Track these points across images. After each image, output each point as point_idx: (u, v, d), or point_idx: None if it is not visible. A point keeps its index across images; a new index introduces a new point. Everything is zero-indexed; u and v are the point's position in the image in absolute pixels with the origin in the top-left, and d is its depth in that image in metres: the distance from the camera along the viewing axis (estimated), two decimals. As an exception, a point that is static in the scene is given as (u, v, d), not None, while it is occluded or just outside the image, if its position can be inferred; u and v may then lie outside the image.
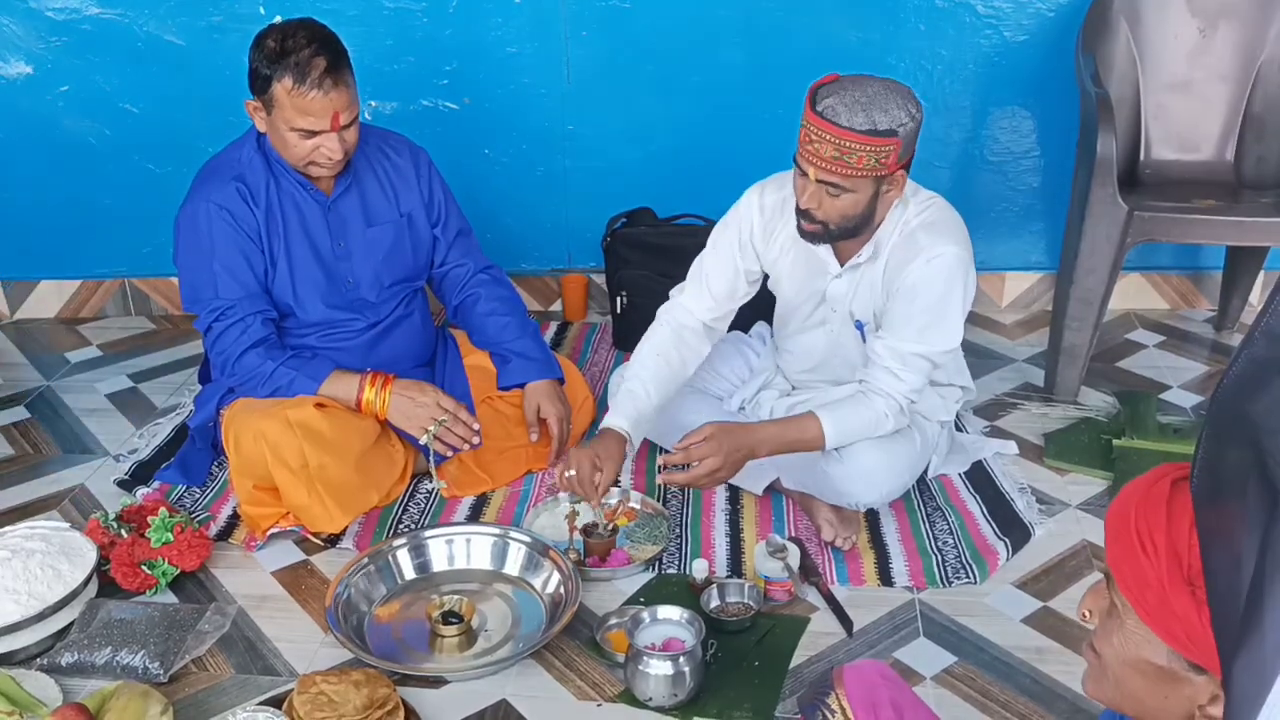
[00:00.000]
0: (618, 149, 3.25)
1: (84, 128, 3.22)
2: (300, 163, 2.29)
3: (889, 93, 2.02)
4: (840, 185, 2.05)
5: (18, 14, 3.09)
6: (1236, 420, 0.90)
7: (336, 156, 2.26)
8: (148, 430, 2.80)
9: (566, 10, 3.08)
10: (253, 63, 2.21)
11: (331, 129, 2.22)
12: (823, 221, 2.12)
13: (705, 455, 2.13)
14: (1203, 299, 3.40)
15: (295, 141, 2.24)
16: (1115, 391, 2.90)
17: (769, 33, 3.08)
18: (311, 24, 2.23)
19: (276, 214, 2.35)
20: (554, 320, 3.38)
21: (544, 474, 2.58)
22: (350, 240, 2.43)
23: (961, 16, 3.06)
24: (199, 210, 2.31)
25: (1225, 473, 0.91)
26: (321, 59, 2.16)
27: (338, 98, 2.19)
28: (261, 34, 2.22)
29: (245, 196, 2.32)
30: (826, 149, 2.01)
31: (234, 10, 3.08)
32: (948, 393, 2.45)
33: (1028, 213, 3.30)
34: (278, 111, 2.21)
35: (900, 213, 2.19)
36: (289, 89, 2.17)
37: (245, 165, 2.34)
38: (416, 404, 2.33)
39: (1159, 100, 2.99)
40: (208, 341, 2.37)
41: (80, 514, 2.47)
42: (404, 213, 2.49)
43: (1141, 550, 0.97)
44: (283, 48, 2.17)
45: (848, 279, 2.27)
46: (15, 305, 3.44)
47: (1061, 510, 2.45)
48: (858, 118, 1.98)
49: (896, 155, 2.02)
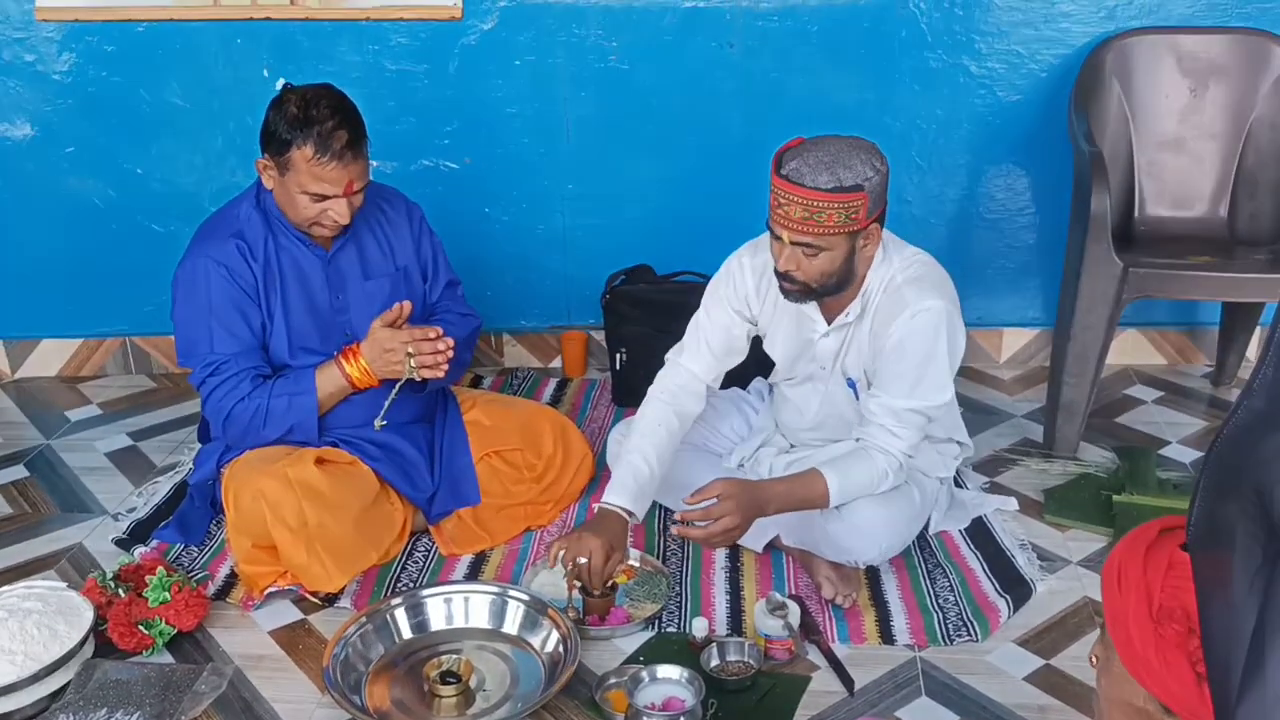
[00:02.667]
0: (617, 207, 3.28)
1: (88, 188, 3.25)
2: (306, 223, 2.32)
3: (851, 150, 2.06)
4: (814, 244, 2.07)
5: (25, 77, 3.13)
6: (1235, 472, 0.91)
7: (344, 220, 2.30)
8: (146, 489, 2.80)
9: (566, 72, 3.12)
10: (271, 124, 2.24)
11: (344, 195, 2.26)
12: (804, 282, 2.14)
13: (723, 514, 2.12)
14: (1200, 354, 3.41)
15: (305, 204, 2.27)
16: (1114, 447, 2.90)
17: (765, 93, 3.12)
18: (332, 92, 2.28)
19: (274, 269, 2.37)
20: (553, 377, 3.39)
21: (543, 531, 2.57)
22: (348, 293, 2.45)
23: (955, 77, 3.11)
24: (197, 266, 2.34)
25: (1223, 523, 0.92)
26: (344, 131, 2.22)
27: (354, 168, 2.25)
28: (282, 97, 2.26)
29: (244, 253, 2.34)
30: (796, 210, 2.04)
31: (238, 73, 3.12)
32: (945, 449, 2.46)
33: (1024, 269, 3.32)
34: (292, 174, 2.24)
35: (885, 270, 2.21)
36: (309, 157, 2.21)
37: (244, 222, 2.37)
38: (386, 348, 2.33)
39: (1152, 158, 3.02)
40: (201, 396, 2.38)
41: (78, 573, 2.46)
42: (399, 266, 2.52)
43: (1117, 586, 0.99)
44: (306, 115, 2.20)
45: (835, 337, 2.29)
46: (16, 364, 3.45)
47: (1063, 567, 2.44)
48: (822, 177, 2.02)
49: (865, 209, 2.05)
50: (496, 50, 3.10)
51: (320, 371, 2.36)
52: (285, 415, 2.34)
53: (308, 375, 2.36)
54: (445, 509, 2.51)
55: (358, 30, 3.08)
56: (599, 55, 3.11)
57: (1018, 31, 3.06)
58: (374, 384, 2.38)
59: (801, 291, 2.17)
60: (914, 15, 3.05)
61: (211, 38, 3.09)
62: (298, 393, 2.34)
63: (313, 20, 3.06)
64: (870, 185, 2.04)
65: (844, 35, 3.08)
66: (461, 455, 2.52)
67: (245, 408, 2.32)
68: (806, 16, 3.07)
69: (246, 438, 2.36)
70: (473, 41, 3.10)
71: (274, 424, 2.34)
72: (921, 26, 3.06)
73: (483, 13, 3.07)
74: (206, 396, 2.35)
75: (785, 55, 3.09)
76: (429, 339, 2.33)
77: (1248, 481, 0.89)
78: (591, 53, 3.12)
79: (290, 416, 2.34)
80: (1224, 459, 0.92)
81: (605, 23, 3.08)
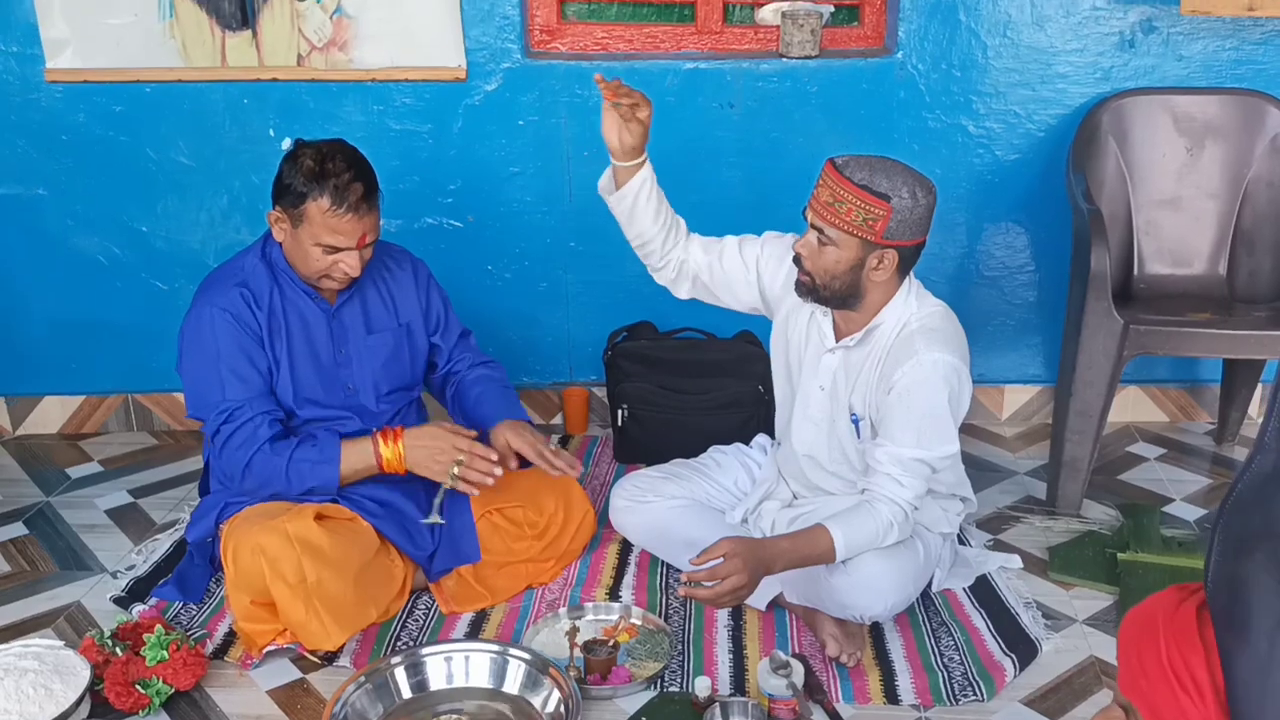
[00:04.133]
0: (618, 264, 3.28)
1: (93, 246, 3.27)
2: (316, 275, 2.35)
3: (903, 170, 2.13)
4: (827, 233, 2.13)
5: (34, 136, 3.16)
6: (1249, 528, 0.90)
7: (355, 273, 2.33)
8: (146, 546, 2.78)
9: (569, 131, 3.16)
10: (286, 177, 2.28)
11: (356, 247, 2.29)
12: (810, 273, 2.19)
13: (730, 573, 2.10)
14: (1202, 412, 3.41)
15: (317, 256, 2.30)
16: (1118, 504, 2.89)
17: (765, 152, 3.15)
18: (346, 147, 2.32)
19: (280, 319, 2.39)
20: (555, 434, 3.38)
21: (544, 589, 2.55)
22: (351, 347, 2.46)
23: (954, 137, 3.14)
24: (203, 315, 2.35)
25: (1240, 580, 0.91)
26: (359, 184, 2.26)
27: (368, 220, 2.29)
28: (297, 151, 2.30)
29: (249, 301, 2.36)
30: (824, 193, 2.12)
31: (244, 132, 3.15)
32: (949, 504, 2.45)
33: (1025, 326, 3.33)
34: (306, 226, 2.27)
35: (904, 312, 2.23)
36: (324, 209, 2.24)
37: (249, 272, 2.39)
38: (433, 450, 2.33)
39: (1150, 216, 3.04)
40: (214, 446, 2.36)
41: (75, 632, 2.44)
42: (403, 322, 2.54)
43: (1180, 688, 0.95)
44: (322, 169, 2.25)
45: (840, 358, 2.30)
46: (18, 421, 3.45)
47: (1068, 625, 2.42)
48: (860, 173, 2.10)
49: (886, 224, 2.08)
50: (500, 110, 3.14)
51: (349, 445, 2.35)
52: (305, 479, 2.33)
53: (332, 443, 2.35)
54: (446, 566, 2.49)
55: (363, 91, 3.12)
56: (601, 115, 3.13)
57: (1015, 92, 3.10)
58: (401, 471, 2.37)
59: (807, 285, 2.21)
60: (912, 76, 3.09)
61: (219, 98, 3.13)
62: (321, 461, 2.33)
63: (319, 81, 3.10)
64: (899, 203, 2.08)
65: (843, 96, 3.12)
66: (462, 512, 2.51)
67: (266, 461, 2.32)
68: (806, 78, 3.11)
69: (263, 489, 2.35)
70: (476, 102, 3.14)
71: (294, 484, 2.33)
72: (919, 87, 3.10)
73: (487, 74, 3.12)
74: (223, 444, 2.34)
75: (785, 116, 3.13)
76: (488, 459, 2.32)
77: (1264, 537, 0.89)
78: (594, 113, 3.12)
79: (310, 480, 2.33)
80: (1238, 516, 0.92)
81: (607, 83, 3.12)
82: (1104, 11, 3.03)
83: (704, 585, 2.11)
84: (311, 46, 3.07)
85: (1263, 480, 0.90)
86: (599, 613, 2.45)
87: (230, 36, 3.06)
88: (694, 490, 2.53)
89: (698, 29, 3.22)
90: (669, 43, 3.22)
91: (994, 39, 3.06)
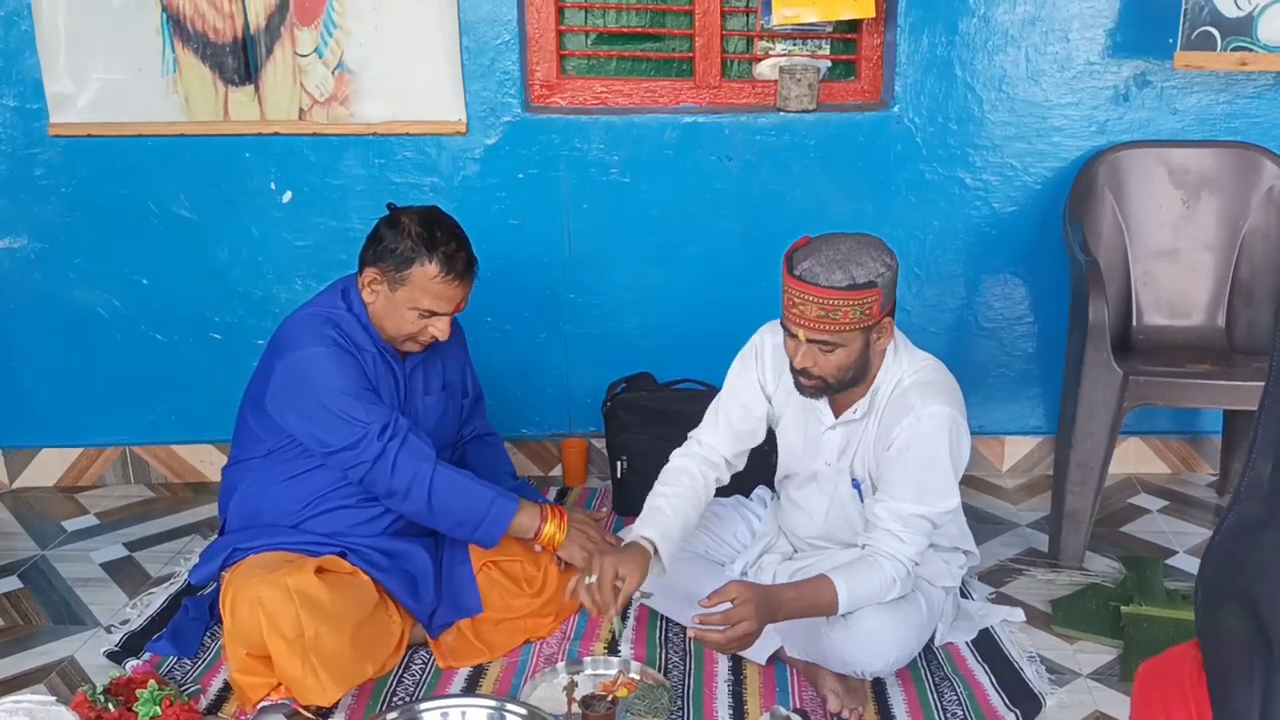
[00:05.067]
0: (618, 316, 3.30)
1: (93, 298, 3.28)
2: (403, 338, 2.37)
3: (862, 246, 2.09)
4: (831, 341, 2.10)
5: (35, 190, 3.18)
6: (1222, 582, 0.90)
7: (444, 338, 2.38)
8: (141, 600, 2.76)
9: (568, 184, 3.18)
10: (389, 241, 2.31)
11: (451, 314, 2.35)
12: (820, 377, 2.16)
13: (741, 618, 2.08)
14: (1204, 463, 3.40)
15: (412, 320, 2.34)
16: (1121, 557, 2.87)
17: (763, 203, 3.17)
18: (445, 215, 2.39)
19: (370, 369, 2.39)
20: (554, 485, 3.37)
21: (542, 643, 2.53)
22: (413, 406, 2.49)
23: (951, 189, 3.16)
24: (319, 354, 2.32)
25: (1222, 627, 0.91)
26: (464, 254, 2.33)
27: (466, 290, 2.35)
28: (399, 216, 2.34)
29: (348, 348, 2.36)
30: (811, 309, 2.07)
31: (245, 185, 3.17)
32: (951, 557, 2.43)
33: (1024, 377, 3.33)
34: (406, 290, 2.30)
35: (895, 372, 2.22)
36: (432, 275, 2.29)
37: (340, 319, 2.39)
38: (588, 550, 2.36)
39: (1147, 268, 3.05)
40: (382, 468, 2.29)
41: (68, 687, 2.41)
42: (449, 383, 2.58)
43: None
44: (431, 236, 2.30)
45: (842, 432, 2.29)
46: (15, 474, 3.43)
47: (1072, 680, 2.39)
48: (835, 275, 2.05)
49: (879, 304, 2.08)
50: (500, 164, 3.16)
51: (525, 507, 2.39)
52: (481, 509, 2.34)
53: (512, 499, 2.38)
54: (447, 620, 2.47)
55: (364, 144, 3.15)
56: (600, 169, 3.17)
57: (1011, 145, 3.13)
58: (553, 551, 2.42)
59: (818, 387, 2.19)
60: (909, 130, 3.12)
61: (220, 151, 3.15)
62: (500, 497, 2.36)
63: (320, 135, 3.13)
64: (883, 281, 2.07)
65: (840, 149, 3.14)
66: (463, 565, 2.49)
67: (447, 477, 2.32)
68: (803, 131, 3.13)
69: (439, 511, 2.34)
70: (476, 155, 3.16)
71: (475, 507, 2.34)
72: (916, 140, 3.13)
73: (487, 128, 3.14)
74: (392, 465, 2.29)
75: (783, 168, 3.16)
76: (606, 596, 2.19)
77: (1236, 587, 0.88)
78: (593, 166, 3.18)
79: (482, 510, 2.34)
80: (1214, 567, 0.92)
81: (607, 137, 3.15)
82: (1098, 66, 3.07)
83: (715, 629, 2.09)
84: (313, 101, 3.10)
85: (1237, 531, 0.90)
86: (597, 667, 2.42)
87: (233, 91, 3.09)
88: (694, 543, 2.51)
89: (696, 83, 3.25)
90: (667, 97, 3.25)
91: (990, 93, 3.09)
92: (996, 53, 3.07)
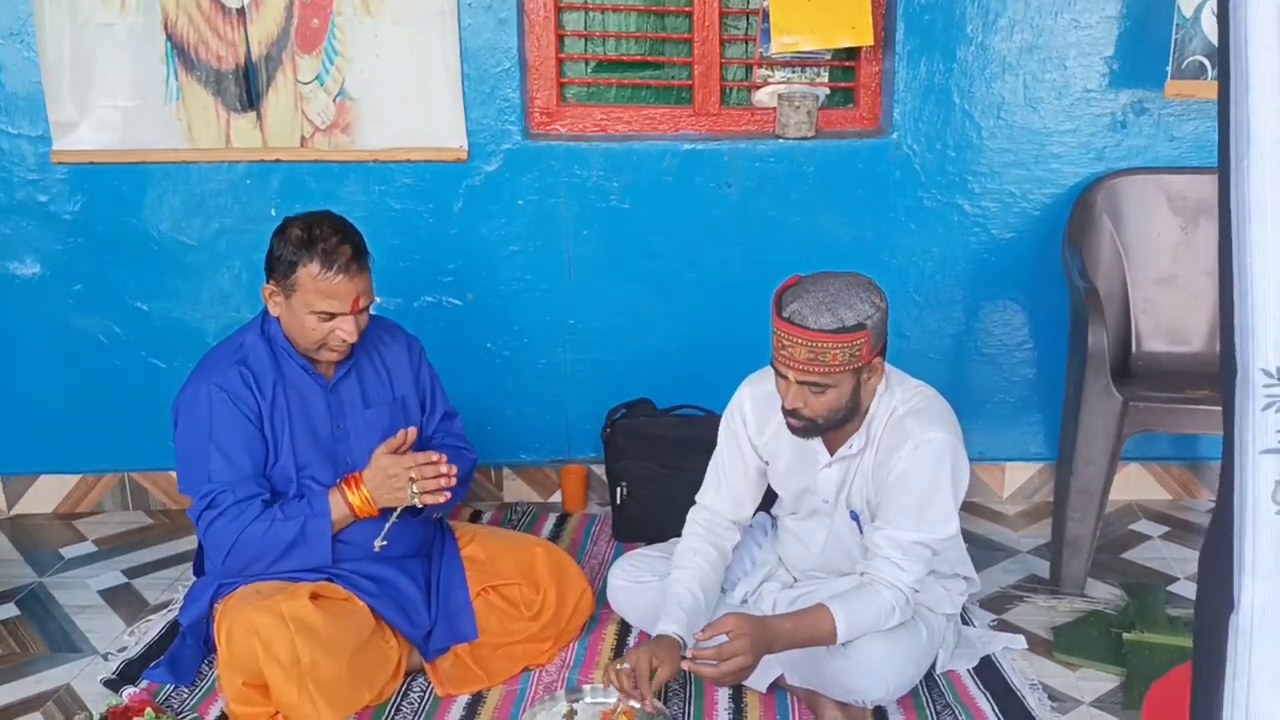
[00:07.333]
0: (617, 342, 3.30)
1: (93, 325, 3.28)
2: (314, 346, 2.35)
3: (851, 288, 2.09)
4: (821, 383, 2.09)
5: (37, 216, 3.19)
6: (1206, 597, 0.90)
7: (351, 339, 2.33)
8: (138, 627, 2.74)
9: (568, 210, 3.19)
10: (276, 250, 2.31)
11: (350, 312, 2.30)
12: (810, 418, 2.16)
13: (736, 652, 2.07)
14: (1205, 489, 3.39)
15: (314, 324, 2.31)
16: (1122, 583, 2.86)
17: (763, 230, 3.18)
18: (331, 215, 2.36)
19: (281, 397, 2.39)
20: (553, 512, 3.36)
21: (541, 671, 2.52)
22: (349, 422, 2.46)
23: (950, 216, 3.17)
24: (199, 392, 2.35)
25: None
26: (347, 246, 2.29)
27: (359, 282, 2.31)
28: (285, 225, 2.33)
29: (248, 381, 2.36)
30: (800, 352, 2.06)
31: (245, 211, 3.18)
32: (951, 584, 2.42)
33: (1024, 404, 3.33)
34: (299, 295, 2.28)
35: (888, 402, 2.22)
36: (315, 274, 2.26)
37: (249, 349, 2.40)
38: (389, 474, 2.33)
39: (1147, 294, 3.06)
40: (200, 530, 2.36)
41: (64, 715, 2.39)
42: (398, 396, 2.54)
43: None
44: (310, 236, 2.28)
45: (838, 469, 2.28)
46: (13, 500, 3.42)
47: (1075, 708, 2.38)
48: (824, 318, 2.04)
49: (869, 346, 2.08)
50: (500, 190, 3.17)
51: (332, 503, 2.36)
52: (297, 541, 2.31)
53: (321, 498, 2.36)
54: (443, 645, 2.46)
55: (365, 171, 3.16)
56: (600, 195, 3.18)
57: (1009, 171, 3.14)
58: (374, 513, 2.37)
59: (809, 428, 2.18)
60: (908, 157, 3.13)
61: (222, 178, 3.16)
62: (312, 518, 2.33)
63: (321, 162, 3.14)
64: (872, 323, 2.06)
65: (839, 175, 3.15)
66: (459, 590, 2.48)
67: (253, 534, 2.29)
68: (802, 158, 3.15)
69: (252, 565, 2.33)
70: (477, 182, 3.17)
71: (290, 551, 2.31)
72: (915, 167, 3.14)
73: (487, 154, 3.15)
74: (205, 530, 2.33)
75: (782, 195, 3.17)
76: (431, 463, 2.34)
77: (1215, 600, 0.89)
78: (593, 193, 3.19)
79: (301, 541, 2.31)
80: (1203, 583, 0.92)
81: (606, 164, 3.16)
82: (1095, 94, 3.08)
83: (709, 663, 2.08)
84: (315, 128, 3.11)
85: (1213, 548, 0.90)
86: (597, 695, 2.40)
87: (235, 118, 3.11)
88: (693, 570, 2.50)
89: (695, 111, 3.27)
90: (667, 124, 3.27)
91: (988, 120, 3.11)
92: (994, 80, 3.09)
